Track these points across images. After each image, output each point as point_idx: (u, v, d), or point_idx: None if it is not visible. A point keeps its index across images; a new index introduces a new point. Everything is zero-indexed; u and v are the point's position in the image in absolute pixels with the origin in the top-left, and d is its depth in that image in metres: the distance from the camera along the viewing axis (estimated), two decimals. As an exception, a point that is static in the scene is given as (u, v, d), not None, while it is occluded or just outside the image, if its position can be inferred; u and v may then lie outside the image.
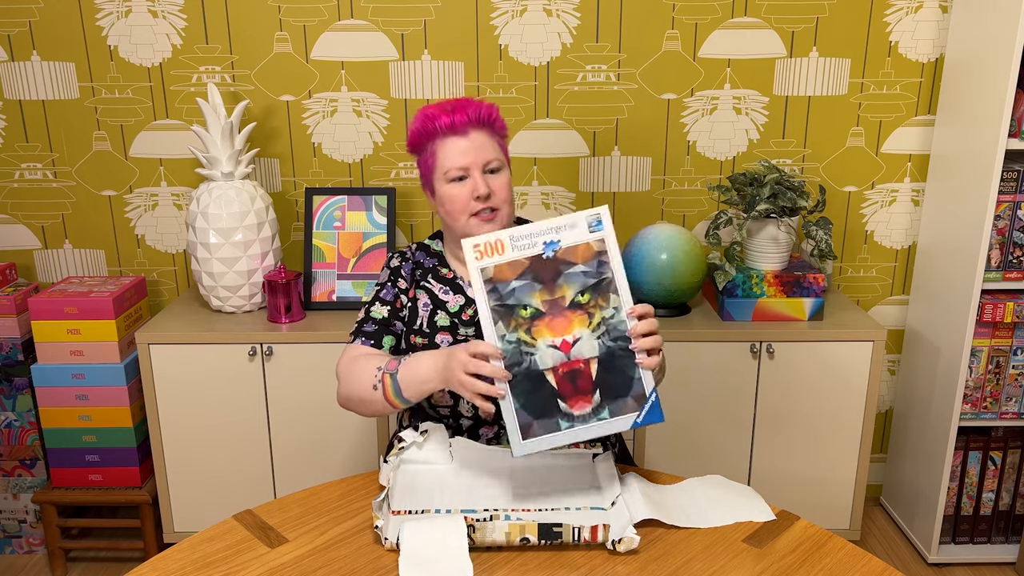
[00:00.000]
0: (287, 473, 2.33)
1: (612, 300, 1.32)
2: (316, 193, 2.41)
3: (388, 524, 1.31)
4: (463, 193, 1.52)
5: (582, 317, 1.32)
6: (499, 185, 1.54)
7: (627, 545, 1.26)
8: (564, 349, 1.32)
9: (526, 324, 1.32)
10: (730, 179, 2.35)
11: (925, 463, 2.46)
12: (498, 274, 1.33)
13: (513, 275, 1.33)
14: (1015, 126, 2.13)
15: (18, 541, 2.50)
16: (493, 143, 1.55)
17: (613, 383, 1.32)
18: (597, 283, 1.33)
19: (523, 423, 1.31)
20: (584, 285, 1.33)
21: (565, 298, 1.33)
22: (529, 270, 1.33)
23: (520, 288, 1.33)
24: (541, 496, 1.39)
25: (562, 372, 1.32)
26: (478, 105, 1.54)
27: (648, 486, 1.41)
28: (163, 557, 1.29)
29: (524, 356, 1.32)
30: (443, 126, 1.52)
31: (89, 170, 2.51)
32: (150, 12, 2.38)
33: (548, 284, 1.33)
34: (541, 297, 1.33)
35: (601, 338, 1.32)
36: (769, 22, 2.40)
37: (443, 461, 1.47)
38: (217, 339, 2.21)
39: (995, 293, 2.27)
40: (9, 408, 2.38)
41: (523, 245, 1.34)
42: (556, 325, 1.32)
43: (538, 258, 1.34)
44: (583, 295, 1.33)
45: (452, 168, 1.52)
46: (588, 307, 1.33)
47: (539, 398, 1.31)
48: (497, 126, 1.57)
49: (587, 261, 1.33)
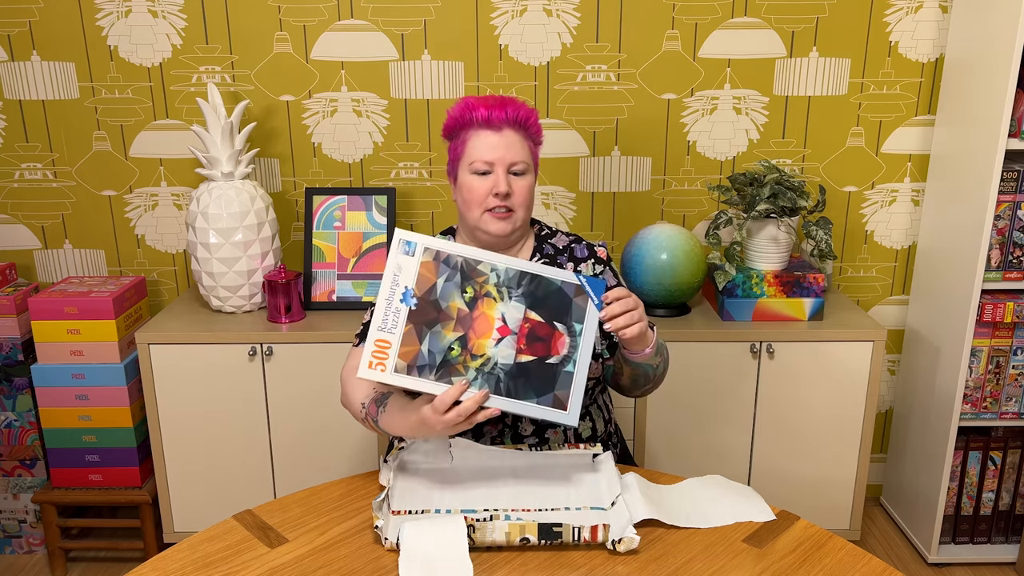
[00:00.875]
0: (287, 473, 2.33)
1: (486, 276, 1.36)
2: (316, 193, 2.41)
3: (388, 524, 1.31)
4: (483, 186, 1.53)
5: (488, 303, 1.35)
6: (520, 188, 1.54)
7: (627, 545, 1.26)
8: (504, 333, 1.35)
9: (465, 355, 1.34)
10: (730, 179, 2.35)
11: (925, 463, 2.46)
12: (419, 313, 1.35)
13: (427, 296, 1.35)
14: (1015, 126, 2.13)
15: (18, 541, 2.50)
16: (525, 146, 1.55)
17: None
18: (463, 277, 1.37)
19: (550, 403, 1.34)
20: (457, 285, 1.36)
21: (465, 299, 1.36)
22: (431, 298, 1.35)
23: (434, 335, 1.34)
24: (541, 496, 1.39)
25: (523, 345, 1.35)
26: (520, 106, 1.54)
27: (648, 486, 1.41)
28: (163, 557, 1.29)
29: (495, 373, 1.33)
30: (480, 118, 1.52)
31: (89, 170, 2.51)
32: (150, 12, 2.38)
33: (451, 298, 1.35)
34: (455, 312, 1.35)
35: (515, 300, 1.36)
36: (769, 22, 2.40)
37: (443, 461, 1.47)
38: (217, 339, 2.21)
39: (995, 293, 2.27)
40: (9, 408, 2.38)
41: (389, 323, 1.34)
42: (479, 328, 1.35)
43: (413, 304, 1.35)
44: (466, 292, 1.36)
45: (478, 160, 1.52)
46: (480, 294, 1.36)
47: (536, 378, 1.34)
48: (533, 131, 1.57)
49: (424, 288, 1.35)
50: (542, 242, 1.64)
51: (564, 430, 1.57)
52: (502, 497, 1.39)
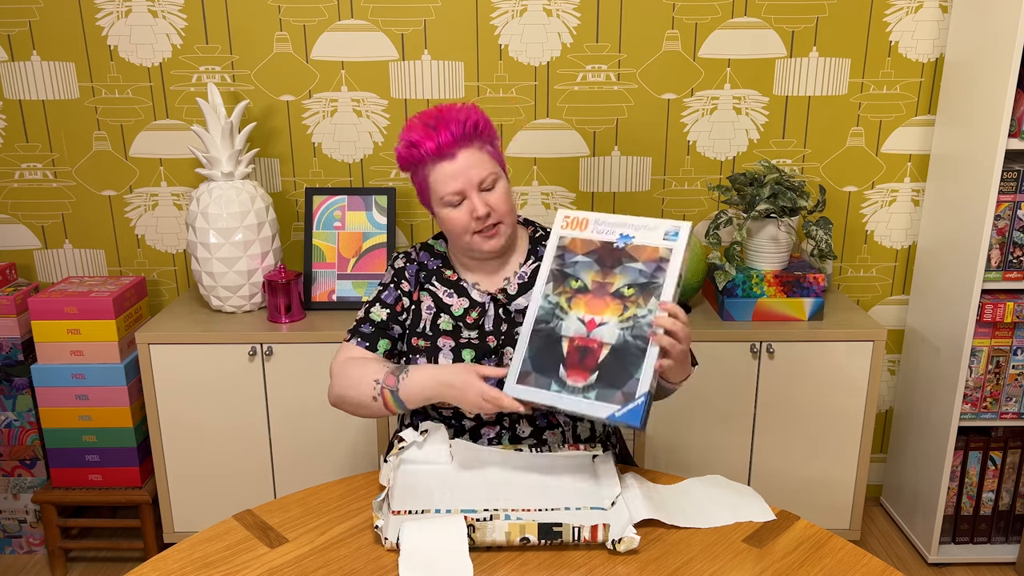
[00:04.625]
0: (287, 473, 2.33)
1: (651, 303, 1.36)
2: (316, 193, 2.41)
3: (388, 524, 1.31)
4: (462, 215, 1.50)
5: (617, 306, 1.38)
6: (497, 200, 1.50)
7: (627, 545, 1.26)
8: (589, 327, 1.38)
9: (569, 294, 1.41)
10: (730, 179, 2.35)
11: (925, 463, 2.46)
12: (571, 245, 1.44)
13: (582, 251, 1.43)
14: (1015, 126, 2.13)
15: (18, 541, 2.50)
16: (484, 156, 1.50)
17: (613, 372, 1.35)
18: (646, 284, 1.37)
19: (523, 370, 1.40)
20: (634, 281, 1.38)
21: (612, 285, 1.39)
22: (596, 251, 1.42)
23: (581, 264, 1.42)
24: (541, 496, 1.39)
25: (576, 344, 1.38)
26: (460, 118, 1.47)
27: (648, 486, 1.42)
28: (163, 557, 1.29)
29: (554, 318, 1.41)
30: (429, 152, 1.47)
31: (89, 170, 2.51)
32: (150, 12, 2.38)
33: (605, 268, 1.41)
34: (593, 277, 1.41)
35: (624, 330, 1.36)
36: (769, 22, 2.40)
37: (443, 461, 1.47)
38: (217, 339, 2.21)
39: (995, 293, 2.27)
40: (9, 408, 2.38)
41: (603, 230, 1.43)
42: (593, 304, 1.39)
43: (608, 244, 1.42)
44: (629, 288, 1.38)
45: (447, 194, 1.49)
46: (628, 300, 1.37)
47: (547, 357, 1.39)
48: (484, 135, 1.51)
49: (647, 262, 1.38)
50: (536, 244, 1.62)
51: (562, 431, 1.56)
52: (502, 497, 1.39)
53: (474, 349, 1.53)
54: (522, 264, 1.60)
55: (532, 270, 1.59)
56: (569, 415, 1.44)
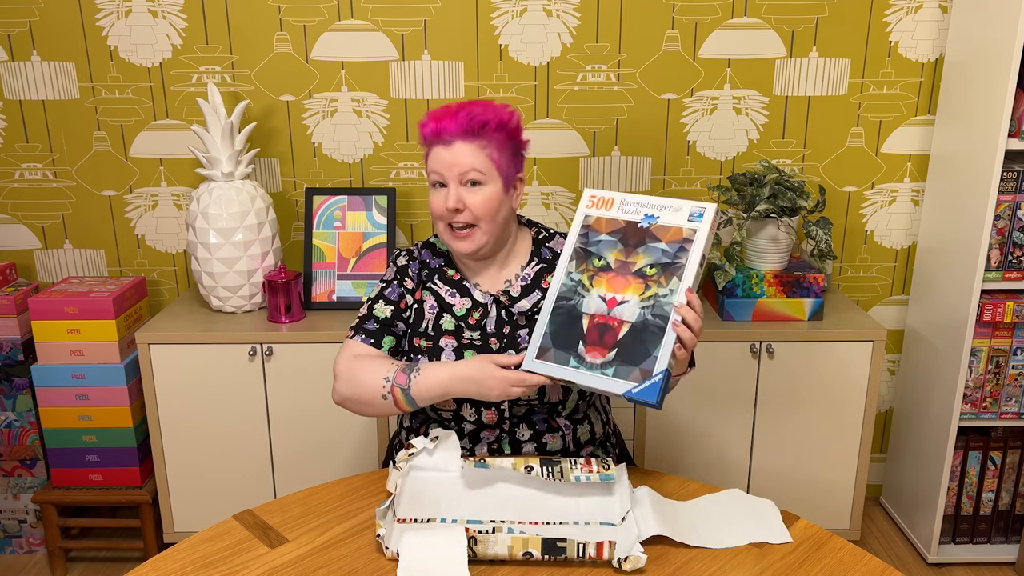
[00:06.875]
0: (287, 473, 2.33)
1: (672, 283, 1.38)
2: (316, 193, 2.41)
3: (391, 533, 1.30)
4: (438, 200, 1.51)
5: (639, 285, 1.40)
6: (476, 201, 1.48)
7: (633, 564, 1.23)
8: (610, 305, 1.40)
9: (592, 272, 1.44)
10: (730, 179, 2.35)
11: (925, 463, 2.46)
12: (596, 224, 1.47)
13: (606, 230, 1.46)
14: (1015, 126, 2.13)
15: (18, 541, 2.50)
16: (480, 156, 1.48)
17: (632, 349, 1.37)
18: (669, 263, 1.39)
19: (543, 346, 1.42)
20: (657, 261, 1.40)
21: (635, 264, 1.41)
22: (621, 231, 1.45)
23: (605, 242, 1.45)
24: (551, 508, 1.37)
25: (597, 321, 1.40)
26: (476, 113, 1.47)
27: (661, 501, 1.38)
28: (163, 557, 1.29)
29: (575, 295, 1.43)
30: (429, 133, 1.49)
31: (89, 170, 2.51)
32: (150, 12, 2.38)
33: (628, 247, 1.43)
34: (616, 256, 1.43)
35: (644, 309, 1.38)
36: (769, 22, 2.40)
37: (453, 469, 1.45)
38: (217, 339, 2.21)
39: (995, 293, 2.27)
40: (9, 408, 2.38)
41: (628, 209, 1.46)
42: (615, 283, 1.41)
43: (633, 224, 1.44)
44: (651, 268, 1.39)
45: (432, 172, 1.51)
46: (649, 279, 1.39)
47: (567, 333, 1.41)
48: (491, 137, 1.48)
49: (671, 242, 1.40)
50: (540, 246, 1.61)
51: (563, 436, 1.56)
52: (510, 508, 1.37)
53: (476, 351, 1.53)
54: (524, 266, 1.59)
55: (535, 272, 1.58)
56: (587, 390, 1.44)
